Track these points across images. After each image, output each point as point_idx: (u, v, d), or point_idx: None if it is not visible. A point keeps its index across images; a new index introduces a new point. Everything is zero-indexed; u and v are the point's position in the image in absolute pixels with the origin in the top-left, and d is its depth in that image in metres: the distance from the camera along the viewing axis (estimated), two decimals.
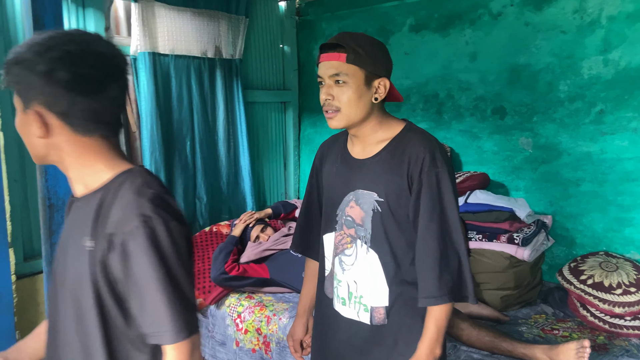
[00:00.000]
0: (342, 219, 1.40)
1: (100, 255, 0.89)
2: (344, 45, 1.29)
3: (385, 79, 1.33)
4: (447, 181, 1.28)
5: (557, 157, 2.80)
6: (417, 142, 1.32)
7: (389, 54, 1.37)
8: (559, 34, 2.76)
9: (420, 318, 1.32)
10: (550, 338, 2.25)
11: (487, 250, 2.61)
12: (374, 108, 1.34)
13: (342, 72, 1.30)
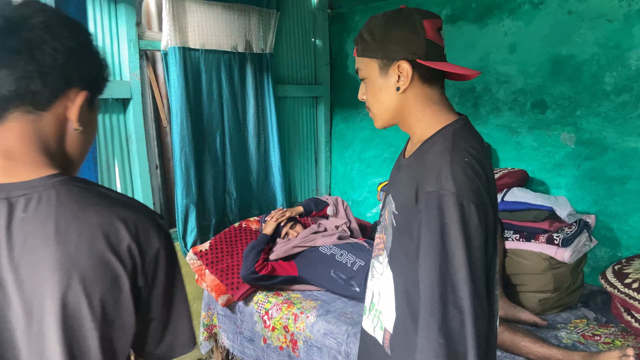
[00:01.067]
0: (381, 222, 1.22)
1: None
2: (358, 36, 1.13)
3: (403, 62, 1.06)
4: (452, 209, 0.94)
5: (601, 153, 2.64)
6: (438, 149, 1.03)
7: (414, 26, 1.05)
8: (605, 23, 2.59)
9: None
10: (591, 344, 2.12)
11: (524, 250, 2.49)
12: (406, 99, 1.09)
13: (360, 68, 1.14)
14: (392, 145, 3.57)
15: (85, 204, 0.77)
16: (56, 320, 0.74)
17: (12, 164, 0.77)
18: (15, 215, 0.73)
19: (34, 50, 0.75)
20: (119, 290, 0.78)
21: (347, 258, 2.67)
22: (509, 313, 2.34)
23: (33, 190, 0.75)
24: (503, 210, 2.59)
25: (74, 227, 0.74)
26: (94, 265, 0.75)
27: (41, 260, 0.73)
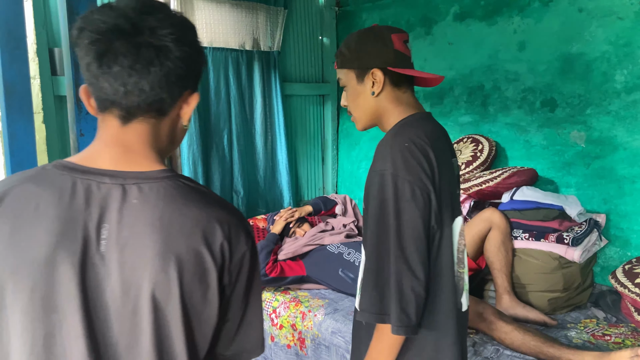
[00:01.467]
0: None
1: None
2: (337, 51, 1.34)
3: (376, 70, 1.23)
4: (388, 185, 1.12)
5: (612, 152, 2.62)
6: (386, 137, 1.23)
7: (384, 40, 1.23)
8: (616, 21, 2.57)
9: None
10: (601, 344, 2.11)
11: (534, 250, 2.48)
12: (380, 101, 1.26)
13: (340, 78, 1.32)
14: None
15: (188, 200, 0.81)
16: (149, 303, 0.77)
17: (130, 156, 0.82)
18: (128, 200, 0.78)
19: (164, 61, 0.78)
20: (207, 284, 0.81)
21: (355, 256, 2.66)
22: (518, 312, 2.32)
23: (145, 181, 0.80)
24: (512, 209, 2.58)
25: (177, 219, 0.79)
26: (190, 257, 0.79)
27: (145, 244, 0.77)
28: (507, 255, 2.46)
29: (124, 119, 0.82)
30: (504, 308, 2.37)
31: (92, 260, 0.77)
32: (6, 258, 0.75)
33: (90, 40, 0.76)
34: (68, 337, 0.76)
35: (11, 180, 0.80)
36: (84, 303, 0.76)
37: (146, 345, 0.78)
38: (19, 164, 1.53)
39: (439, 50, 3.30)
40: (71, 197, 0.77)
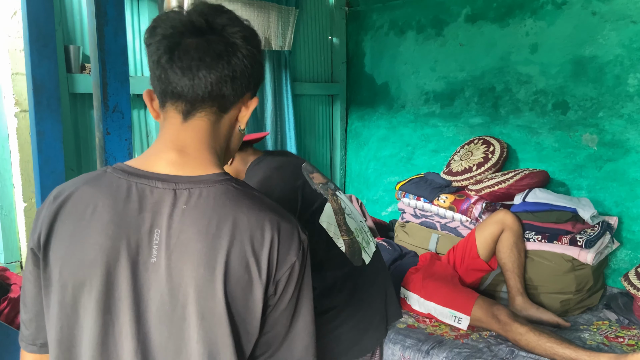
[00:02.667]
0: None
1: None
2: None
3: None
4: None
5: (624, 155, 2.63)
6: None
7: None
8: (629, 24, 2.59)
9: None
10: (615, 346, 2.12)
11: (546, 252, 2.49)
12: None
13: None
14: (409, 144, 3.57)
15: (239, 206, 0.81)
16: (196, 310, 0.78)
17: (184, 160, 0.83)
18: (177, 206, 0.79)
19: (231, 57, 0.81)
20: (251, 294, 0.81)
21: None
22: (531, 314, 2.33)
23: (196, 186, 0.81)
24: (525, 211, 2.59)
25: (226, 226, 0.79)
26: (236, 265, 0.79)
27: (191, 252, 0.78)
28: (519, 256, 2.47)
29: (186, 114, 0.83)
30: (517, 309, 2.38)
31: (145, 265, 0.79)
32: (68, 260, 0.78)
33: (163, 35, 0.80)
34: (120, 337, 0.79)
35: (75, 182, 0.83)
36: (134, 305, 0.78)
37: (195, 351, 0.79)
38: (46, 161, 1.53)
39: (450, 51, 3.31)
40: (125, 201, 0.79)
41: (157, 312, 0.79)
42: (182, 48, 0.79)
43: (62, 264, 0.78)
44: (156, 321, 0.79)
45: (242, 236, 0.79)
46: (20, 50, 2.26)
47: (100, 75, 1.57)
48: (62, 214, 0.80)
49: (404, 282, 2.47)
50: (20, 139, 2.28)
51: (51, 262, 0.80)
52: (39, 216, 0.83)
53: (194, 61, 0.79)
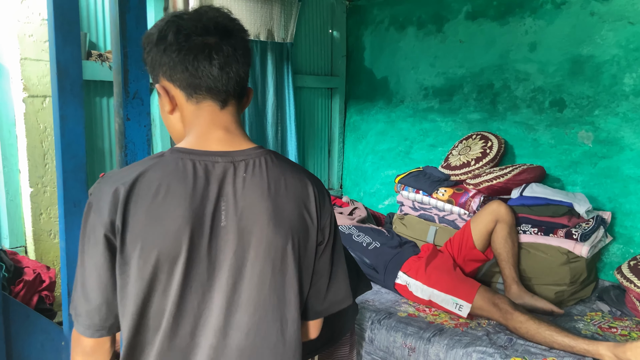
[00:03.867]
0: None
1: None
2: None
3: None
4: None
5: (618, 152, 2.71)
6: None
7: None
8: (627, 25, 2.66)
9: None
10: (609, 336, 2.20)
11: (542, 244, 2.57)
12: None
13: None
14: (407, 138, 3.62)
15: (285, 170, 0.98)
16: (271, 262, 0.94)
17: (231, 137, 0.98)
18: (238, 175, 0.94)
19: (248, 55, 0.98)
20: (308, 239, 0.98)
21: (364, 239, 2.75)
22: (526, 301, 2.42)
23: (249, 157, 0.96)
24: (522, 205, 2.66)
25: (282, 187, 0.96)
26: (295, 217, 0.96)
27: (258, 211, 0.93)
28: (513, 246, 2.56)
29: (223, 103, 0.98)
30: (512, 297, 2.46)
31: (216, 229, 0.92)
32: (149, 235, 0.88)
33: (194, 35, 0.92)
34: (202, 294, 0.92)
35: (136, 168, 0.93)
36: (209, 265, 0.92)
37: (268, 299, 0.95)
38: (68, 145, 1.55)
39: (449, 48, 3.36)
40: (194, 177, 0.91)
41: (229, 271, 0.92)
42: (217, 48, 0.93)
43: (144, 239, 0.88)
44: (228, 280, 0.92)
45: (295, 194, 0.97)
46: (29, 36, 2.26)
47: (121, 62, 1.59)
48: (134, 198, 0.89)
49: (406, 269, 2.52)
50: (28, 124, 2.29)
51: (128, 243, 0.88)
52: (101, 208, 0.89)
53: (228, 58, 0.94)
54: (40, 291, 1.73)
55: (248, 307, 0.93)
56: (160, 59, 0.96)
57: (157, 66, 0.97)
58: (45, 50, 2.30)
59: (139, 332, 0.92)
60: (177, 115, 1.01)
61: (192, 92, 0.96)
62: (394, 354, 2.24)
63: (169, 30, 0.94)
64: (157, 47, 0.96)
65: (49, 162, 2.37)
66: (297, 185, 0.98)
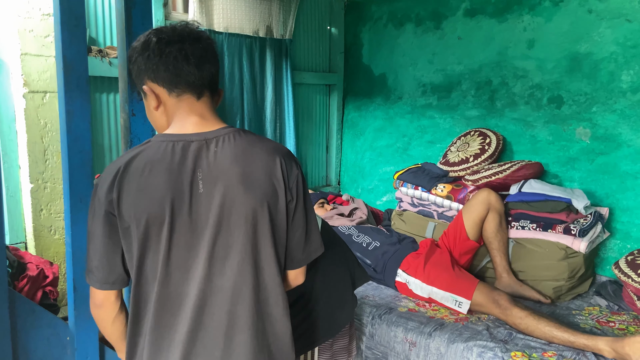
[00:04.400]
0: None
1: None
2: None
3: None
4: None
5: (616, 148, 2.74)
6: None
7: (135, 57, 1.19)
8: (624, 23, 2.68)
9: None
10: (607, 330, 2.22)
11: (541, 240, 2.59)
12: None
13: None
14: (406, 135, 3.64)
15: (252, 143, 1.17)
16: (244, 217, 1.12)
17: (204, 122, 1.17)
18: (210, 150, 1.13)
19: (216, 58, 1.19)
20: (277, 199, 1.15)
21: (364, 239, 2.76)
22: (515, 289, 2.49)
23: (219, 135, 1.15)
24: (520, 200, 2.68)
25: (250, 156, 1.14)
26: (264, 180, 1.14)
27: (230, 177, 1.11)
28: (504, 235, 2.60)
29: (198, 95, 1.17)
30: (502, 286, 2.51)
31: (196, 195, 1.10)
32: (138, 203, 1.08)
33: (172, 41, 1.13)
34: (187, 249, 1.11)
35: (127, 155, 1.12)
36: (191, 225, 1.10)
37: (243, 247, 1.12)
38: (74, 140, 1.55)
39: (448, 44, 3.37)
40: (172, 155, 1.11)
41: (210, 228, 1.10)
42: (190, 51, 1.13)
43: (135, 208, 1.07)
44: (209, 235, 1.10)
45: (262, 162, 1.15)
46: (30, 31, 2.25)
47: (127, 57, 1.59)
48: (126, 177, 1.09)
49: (405, 267, 2.54)
50: (28, 120, 2.28)
51: (124, 212, 1.08)
52: (103, 187, 1.10)
53: (200, 59, 1.14)
54: (44, 287, 1.72)
55: (227, 257, 1.11)
56: (145, 64, 1.14)
57: (142, 71, 1.16)
58: (45, 45, 2.28)
59: (140, 284, 1.11)
60: (161, 109, 1.19)
61: (173, 87, 1.15)
62: (394, 349, 2.26)
63: (151, 40, 1.13)
64: (142, 54, 1.15)
65: (50, 158, 2.36)
66: (262, 153, 1.15)
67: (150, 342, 1.10)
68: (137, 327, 1.13)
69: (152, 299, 1.10)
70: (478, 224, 2.62)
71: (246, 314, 1.13)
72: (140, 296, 1.12)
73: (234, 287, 1.12)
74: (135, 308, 1.12)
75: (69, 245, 1.53)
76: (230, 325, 1.12)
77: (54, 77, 2.32)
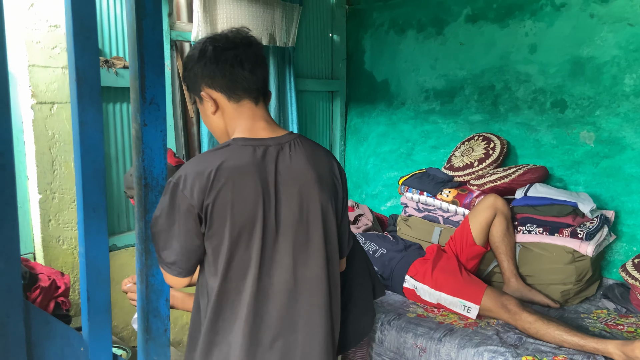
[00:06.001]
0: None
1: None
2: (130, 195, 1.71)
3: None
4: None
5: (620, 151, 2.75)
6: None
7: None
8: (626, 27, 2.70)
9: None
10: (616, 333, 2.23)
11: (547, 244, 2.60)
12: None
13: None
14: (409, 140, 3.65)
15: (313, 146, 1.32)
16: (320, 214, 1.26)
17: (271, 127, 1.29)
18: (285, 153, 1.25)
19: (265, 61, 1.29)
20: (337, 196, 1.33)
21: (370, 246, 2.76)
22: (523, 294, 2.49)
23: (289, 140, 1.27)
24: (526, 205, 2.69)
25: (317, 158, 1.29)
26: (330, 180, 1.31)
27: (308, 177, 1.25)
28: (511, 239, 2.61)
29: (256, 100, 1.28)
30: (511, 291, 2.51)
31: (279, 195, 1.21)
32: (236, 206, 1.17)
33: (228, 50, 1.23)
34: (275, 246, 1.23)
35: (214, 156, 1.20)
36: (278, 223, 1.22)
37: (318, 246, 1.26)
38: (87, 150, 1.55)
39: (450, 50, 3.39)
40: (256, 159, 1.20)
41: (292, 226, 1.23)
42: (245, 58, 1.22)
43: (232, 210, 1.16)
44: (292, 232, 1.23)
45: (326, 164, 1.31)
46: (37, 42, 2.26)
47: (138, 67, 1.60)
48: (221, 182, 1.16)
49: (413, 273, 2.54)
50: (36, 130, 2.29)
51: (218, 215, 1.16)
52: (193, 189, 1.17)
53: (255, 66, 1.24)
54: (56, 297, 1.73)
55: (307, 251, 1.25)
56: (202, 71, 1.24)
57: (200, 78, 1.25)
58: (52, 57, 2.29)
59: (227, 280, 1.20)
60: (219, 114, 1.28)
61: (231, 93, 1.24)
62: (404, 355, 2.26)
63: (207, 48, 1.23)
64: (198, 62, 1.24)
65: (58, 169, 2.36)
66: (324, 156, 1.31)
67: (245, 330, 1.21)
68: (218, 318, 1.22)
69: (247, 296, 1.20)
70: (485, 228, 2.63)
71: (322, 301, 1.27)
72: (226, 291, 1.21)
73: (312, 278, 1.25)
74: (218, 302, 1.21)
75: (83, 256, 1.53)
76: (310, 314, 1.26)
77: (61, 88, 2.33)
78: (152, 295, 1.72)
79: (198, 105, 1.36)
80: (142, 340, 1.65)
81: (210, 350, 1.25)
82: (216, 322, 1.23)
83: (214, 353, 1.25)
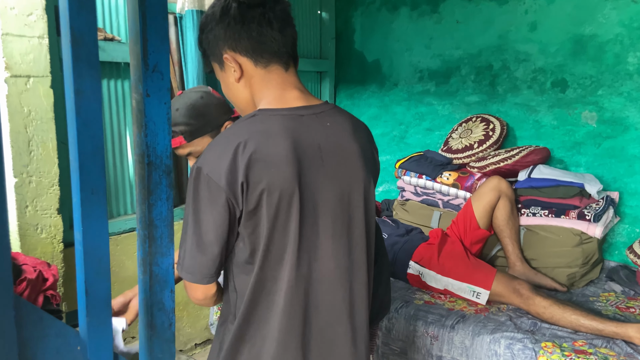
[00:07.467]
0: None
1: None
2: (175, 131, 1.48)
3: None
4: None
5: (623, 132, 2.70)
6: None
7: (210, 106, 1.47)
8: (630, 4, 2.64)
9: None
10: (629, 316, 2.18)
11: (554, 226, 2.53)
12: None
13: (190, 151, 1.53)
14: (402, 123, 3.53)
15: (353, 119, 1.19)
16: (363, 191, 1.14)
17: (304, 95, 1.14)
18: (323, 124, 1.10)
19: (293, 20, 1.13)
20: (376, 173, 1.23)
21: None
22: (529, 278, 2.42)
23: (325, 109, 1.13)
24: (530, 187, 2.61)
25: (358, 131, 1.16)
26: (371, 154, 1.20)
27: (352, 151, 1.12)
28: (515, 222, 2.54)
29: (286, 64, 1.12)
30: (516, 275, 2.43)
31: (316, 168, 1.07)
32: (273, 181, 1.01)
33: (254, 7, 1.06)
34: (314, 227, 1.08)
35: (240, 131, 1.04)
36: (315, 199, 1.07)
37: (361, 222, 1.14)
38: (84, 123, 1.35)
39: (446, 29, 3.28)
40: (285, 126, 1.05)
41: (331, 203, 1.09)
42: (273, 16, 1.07)
43: (268, 185, 1.01)
44: (332, 210, 1.09)
45: (366, 137, 1.20)
46: (11, 9, 2.03)
47: (140, 30, 1.41)
48: (253, 157, 1.00)
49: (418, 259, 2.44)
50: (10, 107, 2.06)
51: (253, 193, 1.01)
52: (222, 173, 1.00)
53: (284, 22, 1.09)
54: (45, 290, 1.54)
55: (349, 234, 1.12)
56: (225, 32, 1.07)
57: (222, 40, 1.08)
58: (28, 25, 2.07)
59: (263, 269, 1.06)
60: (243, 82, 1.11)
61: (258, 57, 1.08)
62: (415, 343, 2.16)
63: (231, 5, 1.06)
64: (221, 22, 1.07)
65: (34, 149, 2.15)
66: (363, 129, 1.19)
67: (282, 322, 1.07)
68: (253, 310, 1.08)
69: (284, 285, 1.06)
70: (489, 212, 2.54)
71: (361, 288, 1.15)
72: (262, 281, 1.07)
73: (353, 264, 1.13)
74: (254, 293, 1.07)
75: (80, 244, 1.34)
76: (352, 302, 1.13)
77: (37, 60, 2.11)
78: (157, 286, 1.55)
79: (217, 73, 1.18)
80: (145, 337, 1.48)
81: (242, 345, 1.12)
82: (245, 319, 1.10)
83: (245, 348, 1.11)
